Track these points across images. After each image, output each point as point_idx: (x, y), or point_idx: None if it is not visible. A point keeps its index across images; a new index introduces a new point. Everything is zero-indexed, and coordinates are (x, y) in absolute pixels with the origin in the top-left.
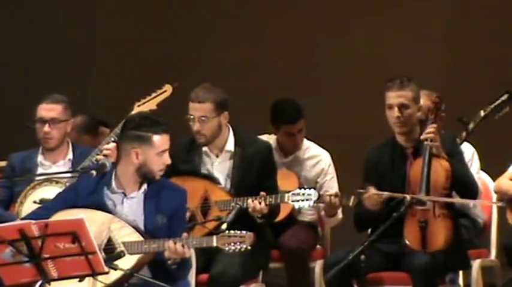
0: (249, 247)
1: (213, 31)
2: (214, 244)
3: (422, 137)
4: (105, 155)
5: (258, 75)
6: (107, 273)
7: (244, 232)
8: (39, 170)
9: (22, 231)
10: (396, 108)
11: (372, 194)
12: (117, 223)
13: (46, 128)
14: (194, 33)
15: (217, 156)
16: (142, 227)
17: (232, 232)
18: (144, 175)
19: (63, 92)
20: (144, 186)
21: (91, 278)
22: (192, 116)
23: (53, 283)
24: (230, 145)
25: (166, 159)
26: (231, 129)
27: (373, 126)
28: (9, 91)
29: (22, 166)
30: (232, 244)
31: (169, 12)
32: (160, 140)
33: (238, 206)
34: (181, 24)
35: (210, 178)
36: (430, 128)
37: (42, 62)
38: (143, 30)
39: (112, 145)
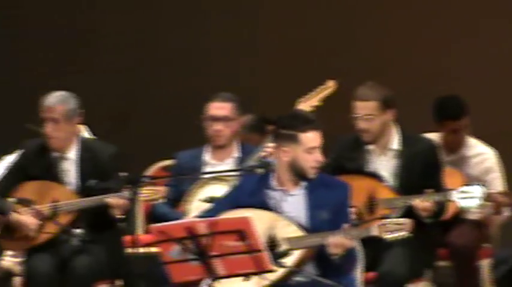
0: (409, 234)
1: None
2: (374, 233)
3: None
4: (265, 154)
5: (419, 71)
6: (273, 271)
7: (402, 219)
8: (206, 169)
9: (190, 229)
10: None
11: None
12: (281, 221)
13: (216, 126)
14: (353, 31)
15: (382, 154)
16: (305, 223)
17: (389, 219)
18: (296, 173)
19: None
20: (304, 182)
21: (257, 276)
22: (357, 115)
23: (219, 281)
24: (395, 144)
25: (317, 156)
26: (396, 127)
27: None
28: (173, 90)
29: (189, 164)
30: (391, 231)
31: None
32: (308, 138)
33: (404, 204)
34: (338, 19)
35: (376, 176)
36: None
37: (205, 64)
38: (305, 25)
39: (273, 144)
